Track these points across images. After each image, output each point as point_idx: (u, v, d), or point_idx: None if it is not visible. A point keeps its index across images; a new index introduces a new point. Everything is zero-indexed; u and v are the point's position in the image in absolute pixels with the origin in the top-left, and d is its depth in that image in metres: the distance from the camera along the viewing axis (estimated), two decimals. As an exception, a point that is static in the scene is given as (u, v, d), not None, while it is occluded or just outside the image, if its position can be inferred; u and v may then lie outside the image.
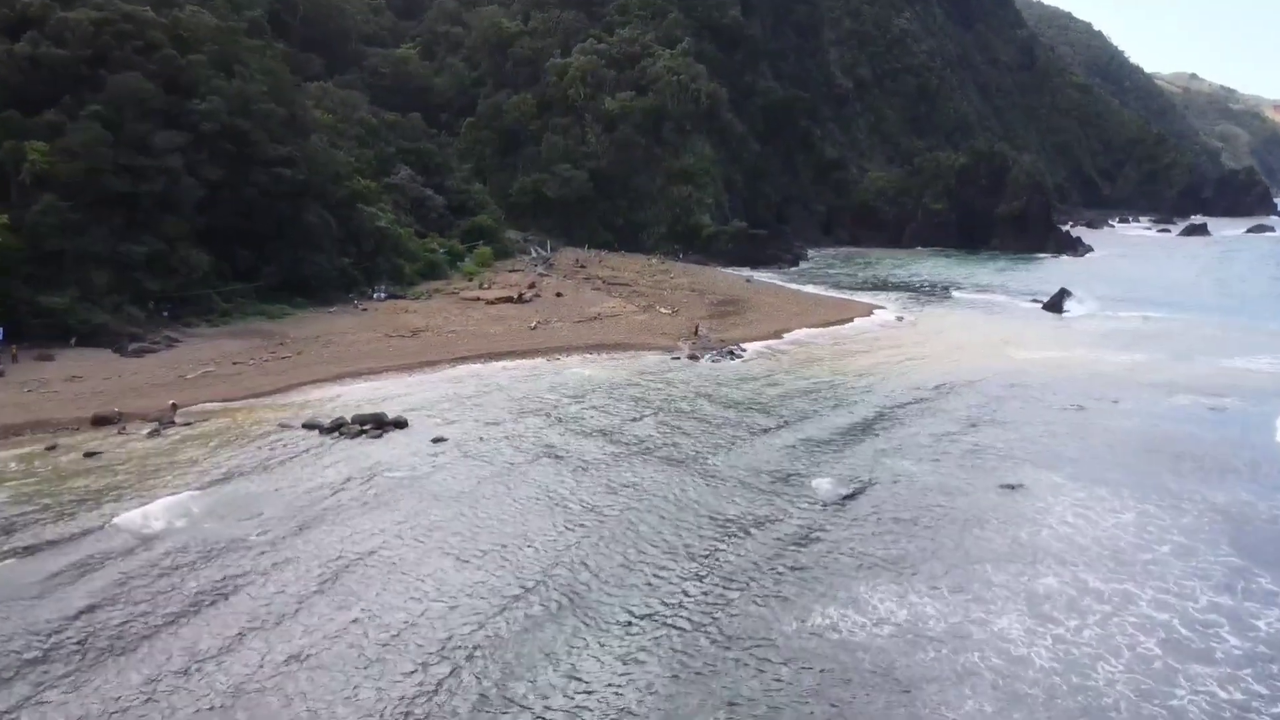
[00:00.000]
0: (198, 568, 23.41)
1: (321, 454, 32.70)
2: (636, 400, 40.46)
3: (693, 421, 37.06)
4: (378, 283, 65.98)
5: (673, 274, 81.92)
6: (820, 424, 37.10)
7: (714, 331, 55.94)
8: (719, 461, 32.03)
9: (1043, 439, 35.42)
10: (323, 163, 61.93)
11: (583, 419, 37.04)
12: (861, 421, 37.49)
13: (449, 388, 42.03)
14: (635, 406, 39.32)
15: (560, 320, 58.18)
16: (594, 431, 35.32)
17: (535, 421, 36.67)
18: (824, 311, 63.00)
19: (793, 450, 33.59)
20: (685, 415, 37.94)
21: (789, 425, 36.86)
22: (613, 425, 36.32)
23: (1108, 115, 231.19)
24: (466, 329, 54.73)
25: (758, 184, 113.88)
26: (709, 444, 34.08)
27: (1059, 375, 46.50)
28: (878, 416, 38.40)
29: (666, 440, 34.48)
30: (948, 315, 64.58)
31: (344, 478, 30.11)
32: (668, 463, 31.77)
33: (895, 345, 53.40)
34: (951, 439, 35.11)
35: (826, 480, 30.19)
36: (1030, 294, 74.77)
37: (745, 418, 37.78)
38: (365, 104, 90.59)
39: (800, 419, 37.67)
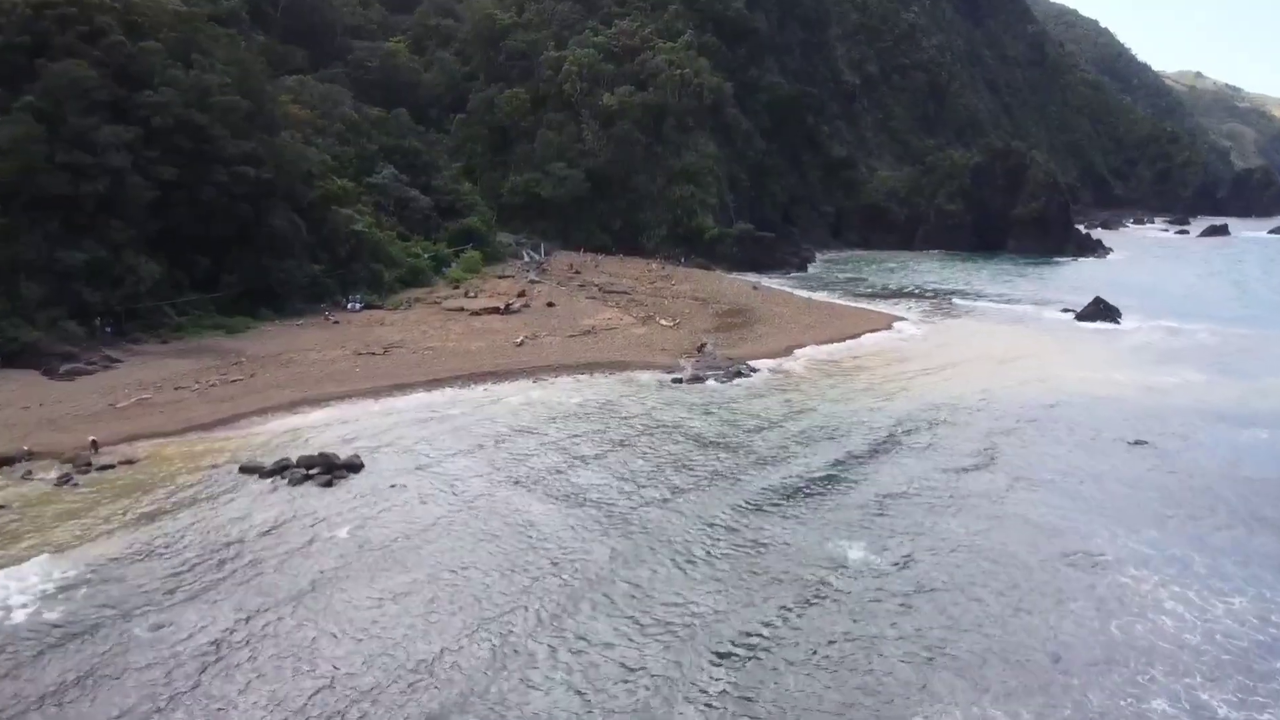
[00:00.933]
0: (38, 661, 18.35)
1: (252, 507, 27.41)
2: (632, 444, 34.62)
3: (698, 474, 31.21)
4: (353, 291, 60.73)
5: (674, 280, 76.63)
6: (844, 469, 31.71)
7: (720, 347, 50.64)
8: (741, 536, 26.41)
9: (1109, 487, 30.13)
10: (292, 160, 56.66)
11: (570, 471, 31.02)
12: (892, 466, 32.11)
13: (417, 419, 36.73)
14: (632, 453, 33.31)
15: (550, 334, 52.89)
16: (583, 494, 29.04)
17: (511, 468, 31.21)
18: (839, 324, 57.69)
19: (816, 503, 28.29)
20: (689, 466, 31.97)
21: (809, 471, 31.54)
22: (605, 487, 29.67)
23: (1120, 113, 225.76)
24: (446, 345, 49.45)
25: (763, 183, 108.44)
26: (722, 507, 28.20)
27: (1109, 402, 41.20)
28: (910, 458, 33.08)
29: (670, 514, 27.66)
30: (973, 328, 59.22)
31: (268, 545, 24.80)
32: (678, 556, 25.03)
33: (920, 364, 48.04)
34: (1003, 490, 29.73)
35: (858, 548, 24.90)
36: (1059, 303, 69.35)
37: (756, 460, 32.39)
38: (348, 99, 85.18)
39: (821, 463, 32.27)
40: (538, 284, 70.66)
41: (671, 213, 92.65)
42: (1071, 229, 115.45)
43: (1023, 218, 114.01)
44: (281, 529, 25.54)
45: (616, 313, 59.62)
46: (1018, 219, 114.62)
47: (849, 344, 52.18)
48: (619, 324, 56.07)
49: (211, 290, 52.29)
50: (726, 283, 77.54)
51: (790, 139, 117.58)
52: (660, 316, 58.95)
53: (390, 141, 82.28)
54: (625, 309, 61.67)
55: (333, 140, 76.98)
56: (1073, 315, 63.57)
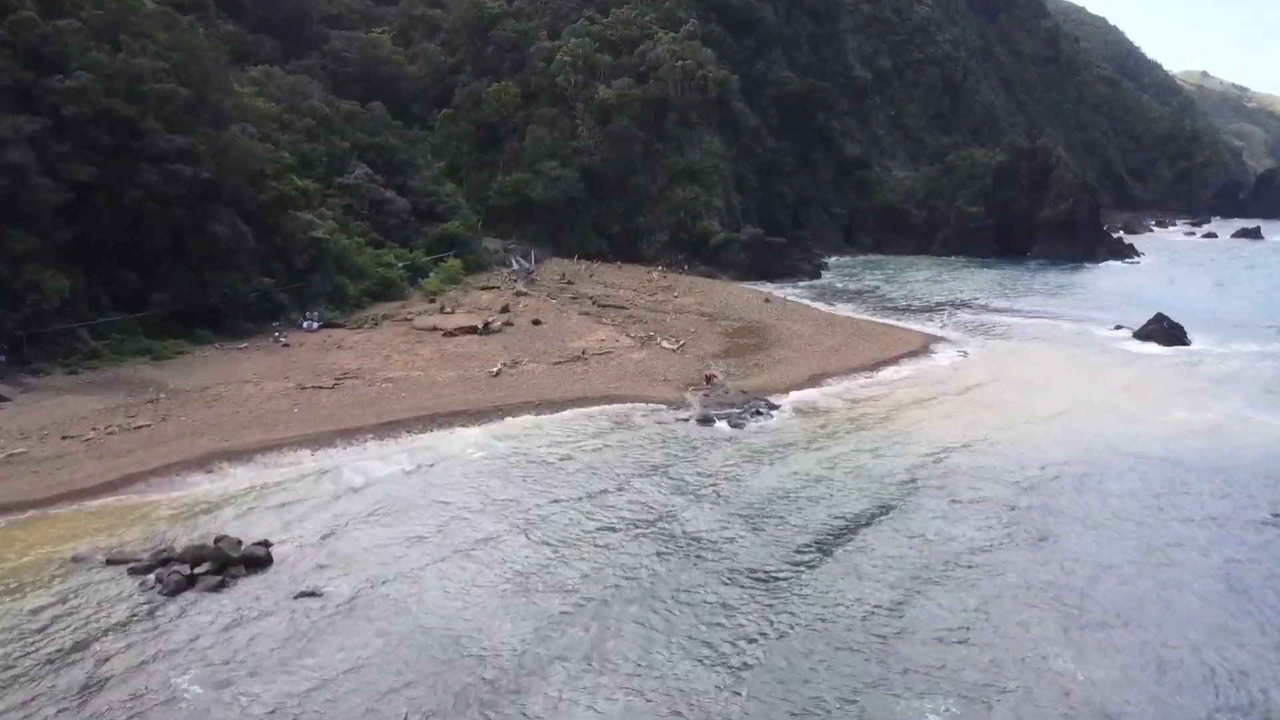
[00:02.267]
0: None
1: (103, 629, 19.95)
2: (626, 516, 27.26)
3: (717, 580, 23.26)
4: (312, 307, 53.32)
5: (676, 291, 69.16)
6: (907, 572, 23.87)
7: (732, 376, 43.14)
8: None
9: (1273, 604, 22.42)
10: (238, 158, 49.17)
11: (533, 596, 22.17)
12: (971, 567, 24.13)
13: (356, 486, 29.21)
14: (625, 537, 25.64)
15: (534, 360, 45.39)
16: (561, 614, 21.26)
17: (458, 574, 23.44)
18: (868, 346, 50.15)
19: (885, 636, 20.63)
20: (703, 561, 24.10)
21: (869, 571, 23.91)
22: (585, 599, 21.89)
23: (1137, 111, 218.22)
24: (409, 375, 41.94)
25: (772, 184, 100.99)
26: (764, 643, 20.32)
27: (1219, 456, 33.42)
28: (994, 546, 25.41)
29: (680, 639, 20.19)
30: (1023, 353, 51.54)
31: (104, 700, 17.30)
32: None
33: (972, 400, 40.43)
34: (1126, 612, 21.89)
35: (948, 709, 17.37)
36: (1109, 319, 61.72)
37: (792, 561, 24.57)
38: (319, 91, 77.83)
39: (879, 559, 24.41)
40: (525, 297, 63.16)
41: (674, 216, 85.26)
42: (1102, 233, 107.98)
43: (1049, 221, 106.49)
44: (113, 682, 17.96)
45: (612, 332, 52.13)
46: (1044, 222, 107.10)
47: (885, 373, 44.58)
48: (614, 346, 48.57)
49: (138, 309, 44.84)
50: (735, 294, 70.06)
51: (800, 137, 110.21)
52: (662, 337, 51.46)
53: (365, 138, 74.83)
54: (622, 327, 54.19)
55: (300, 136, 69.67)
56: (1130, 334, 55.96)
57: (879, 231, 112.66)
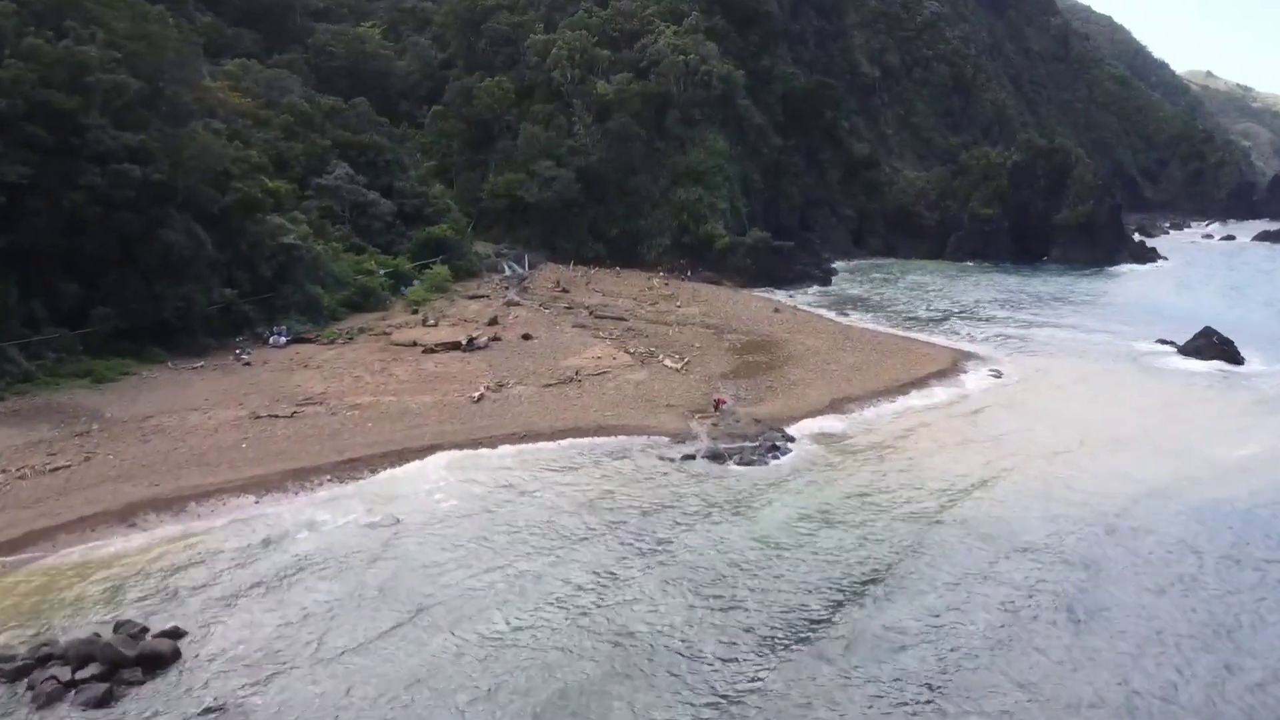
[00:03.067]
0: None
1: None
2: (619, 625, 21.23)
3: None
4: (281, 321, 48.70)
5: (679, 300, 64.48)
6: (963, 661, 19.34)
7: (742, 401, 38.50)
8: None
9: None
10: (195, 156, 44.49)
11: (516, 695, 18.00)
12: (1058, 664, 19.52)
13: (297, 555, 24.50)
14: (614, 663, 19.54)
15: (522, 381, 40.74)
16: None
17: (417, 661, 18.87)
18: (891, 364, 45.47)
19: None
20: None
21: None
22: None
23: (1149, 110, 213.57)
24: (379, 401, 37.29)
25: (779, 185, 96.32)
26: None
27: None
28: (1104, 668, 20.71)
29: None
30: (1060, 371, 46.79)
31: None
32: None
33: (1023, 437, 35.54)
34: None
35: None
36: (1147, 331, 56.99)
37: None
38: (299, 86, 73.17)
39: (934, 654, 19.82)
40: (516, 307, 58.55)
41: (675, 219, 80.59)
42: (1124, 236, 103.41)
43: (1068, 223, 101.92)
44: None
45: (609, 348, 47.45)
46: (1062, 225, 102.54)
47: (913, 397, 39.87)
48: (611, 365, 43.90)
49: (80, 325, 40.18)
50: (742, 303, 65.40)
51: (807, 136, 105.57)
52: (664, 353, 46.80)
53: (347, 136, 70.20)
54: (620, 342, 49.52)
55: (276, 134, 65.14)
56: (1174, 350, 51.31)
57: (889, 234, 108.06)
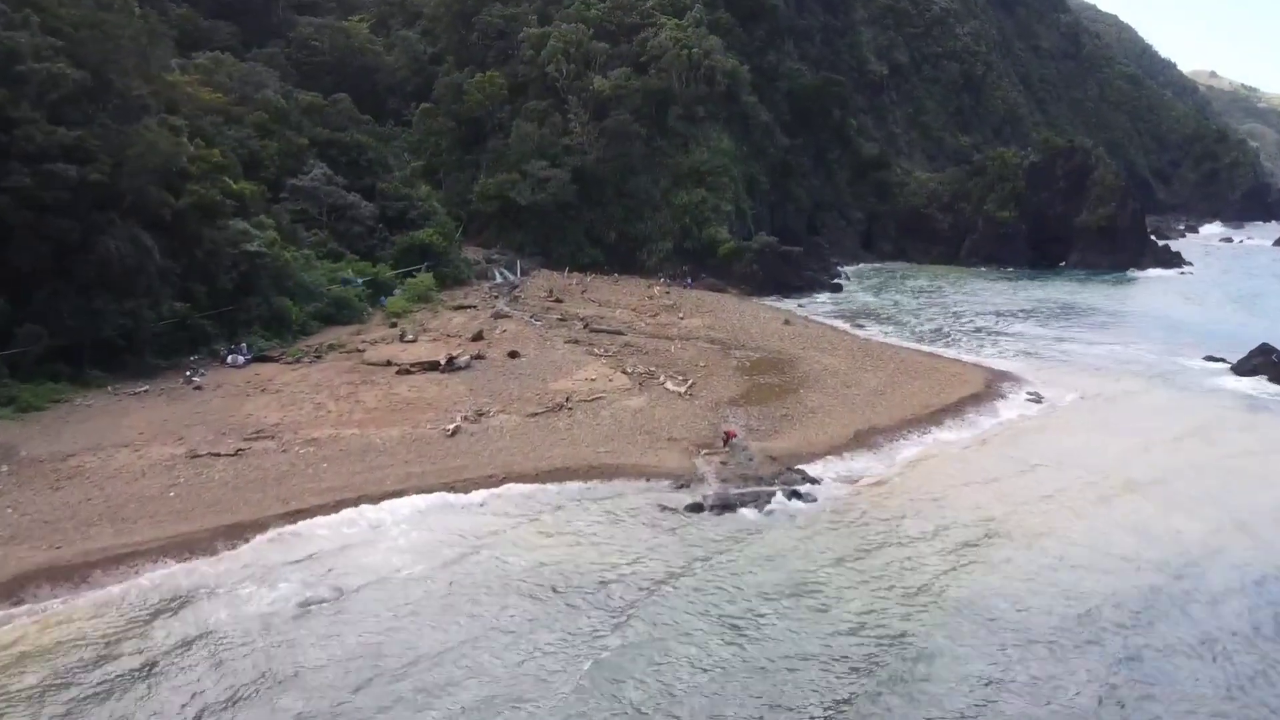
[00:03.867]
0: None
1: None
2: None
3: None
4: (242, 337, 44.09)
5: (682, 311, 59.83)
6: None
7: (755, 433, 33.86)
8: None
9: None
10: (141, 155, 39.83)
11: None
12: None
13: (212, 635, 19.92)
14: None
15: (505, 409, 36.10)
16: None
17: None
18: (919, 388, 40.76)
19: None
20: None
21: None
22: None
23: (1160, 109, 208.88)
24: (341, 432, 32.66)
25: (786, 186, 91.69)
26: None
27: None
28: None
29: None
30: (1105, 394, 42.02)
31: None
32: None
33: (1071, 471, 31.03)
34: None
35: None
36: (1192, 345, 52.35)
37: None
38: (275, 81, 68.61)
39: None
40: (504, 319, 53.91)
41: (677, 222, 76.01)
42: (1148, 240, 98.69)
43: (1088, 226, 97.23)
44: None
45: (604, 368, 42.78)
46: (1082, 228, 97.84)
47: (947, 429, 35.17)
48: (607, 388, 39.24)
49: (5, 346, 35.59)
50: (749, 314, 60.72)
51: (815, 135, 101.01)
52: (665, 373, 42.13)
53: (326, 134, 65.76)
54: (617, 360, 44.86)
55: (248, 131, 60.60)
56: (1228, 368, 46.64)
57: (900, 238, 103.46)
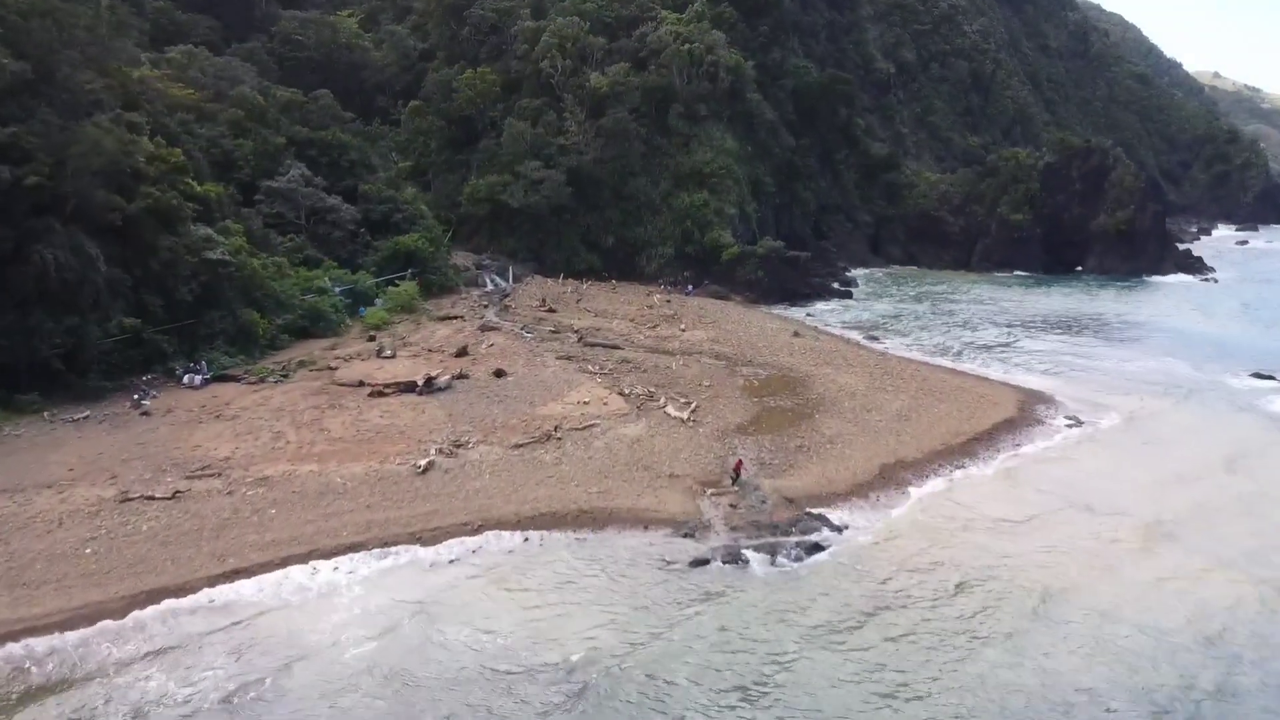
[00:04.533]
0: None
1: None
2: None
3: None
4: (203, 354, 40.24)
5: (684, 322, 55.94)
6: None
7: (767, 468, 30.00)
8: None
9: None
10: (85, 155, 35.97)
11: None
12: None
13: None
14: None
15: (486, 438, 32.22)
16: None
17: None
18: (947, 411, 36.88)
19: None
20: None
21: None
22: None
23: (1171, 109, 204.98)
24: (298, 468, 28.79)
25: (792, 188, 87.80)
26: None
27: None
28: None
29: None
30: (1151, 416, 38.28)
31: None
32: None
33: (1124, 513, 27.25)
34: None
35: None
36: (1233, 359, 48.54)
37: None
38: (252, 76, 64.77)
39: None
40: (492, 331, 50.03)
41: (679, 226, 72.10)
42: (1169, 244, 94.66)
43: (1106, 230, 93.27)
44: None
45: (599, 389, 38.89)
46: (1099, 231, 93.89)
47: (982, 462, 31.30)
48: (601, 413, 35.36)
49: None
50: (755, 325, 56.82)
51: (821, 134, 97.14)
52: (666, 394, 38.25)
53: (306, 133, 61.87)
54: (613, 378, 40.99)
55: (222, 130, 56.85)
56: (1277, 385, 42.78)
57: (909, 242, 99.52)
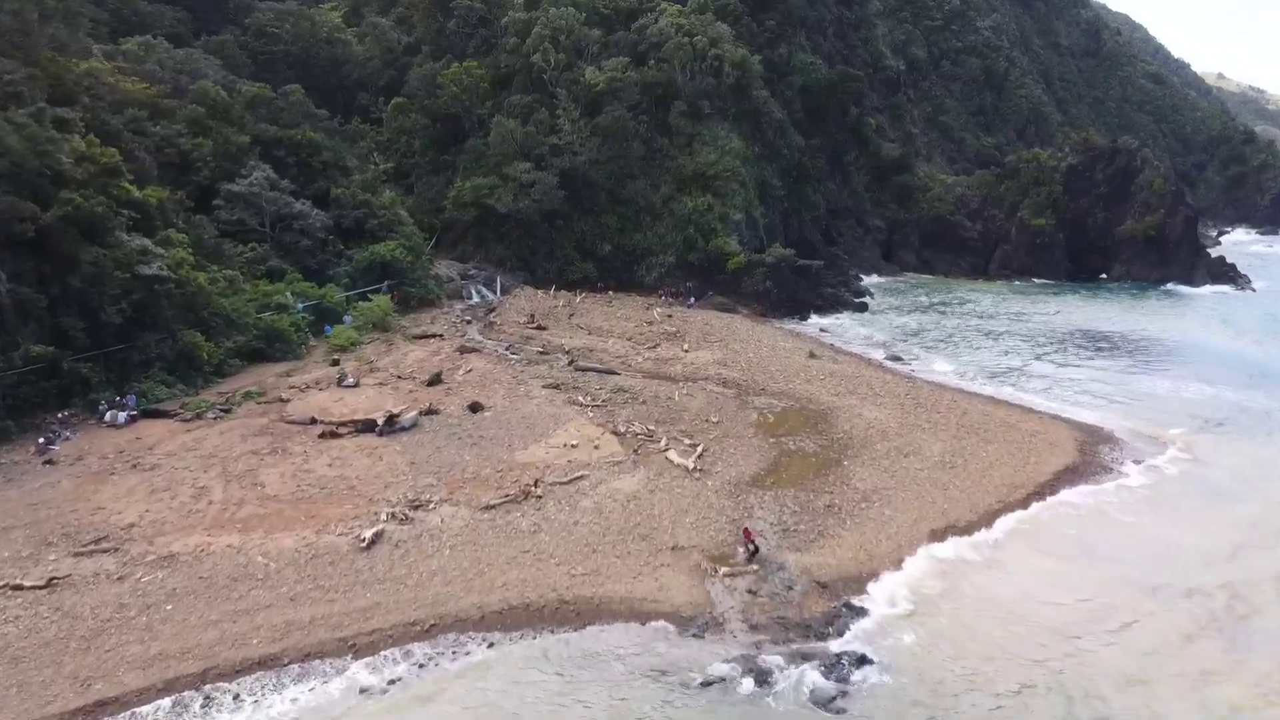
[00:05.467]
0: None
1: None
2: None
3: None
4: (136, 384, 34.92)
5: (687, 340, 50.53)
6: None
7: (789, 534, 24.60)
8: None
9: None
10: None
11: None
12: None
13: None
14: None
15: (452, 494, 26.83)
16: None
17: None
18: (995, 453, 31.40)
19: None
20: None
21: None
22: None
23: (1185, 109, 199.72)
24: (214, 541, 23.39)
25: (801, 191, 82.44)
26: None
27: None
28: None
29: None
30: (1239, 459, 32.92)
31: None
32: None
33: (1202, 595, 21.95)
34: None
35: None
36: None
37: None
38: (216, 70, 59.48)
39: None
40: (472, 353, 44.62)
41: (681, 232, 66.68)
42: (1201, 251, 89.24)
43: (1134, 235, 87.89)
44: None
45: (591, 427, 33.48)
46: (1126, 237, 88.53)
47: (1050, 522, 25.87)
48: (592, 459, 29.97)
49: None
50: (765, 342, 51.37)
51: (830, 134, 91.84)
52: (668, 434, 32.86)
53: (274, 131, 56.51)
54: (607, 412, 35.59)
55: (179, 129, 51.58)
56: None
57: (924, 248, 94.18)
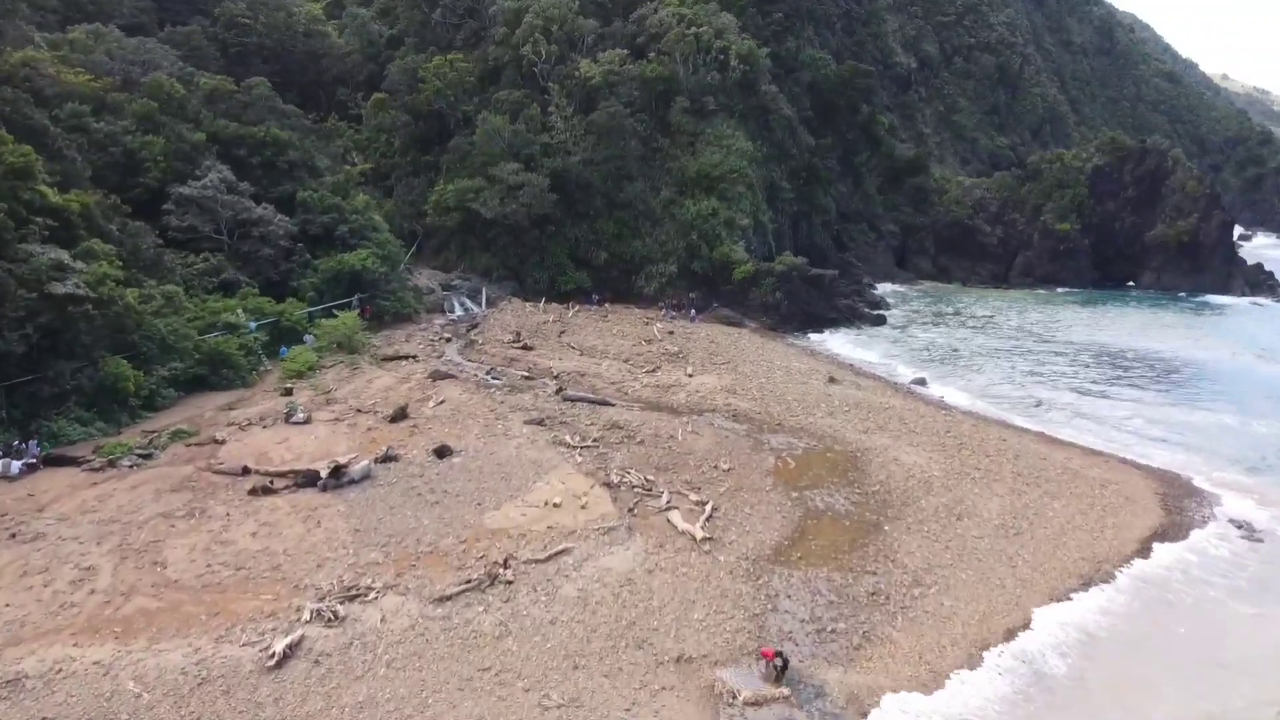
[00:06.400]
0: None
1: None
2: None
3: None
4: (44, 422, 29.61)
5: (691, 363, 45.08)
6: None
7: (824, 636, 19.24)
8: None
9: None
10: None
11: None
12: None
13: None
14: None
15: (399, 576, 21.49)
16: None
17: None
18: (1063, 511, 25.97)
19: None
20: None
21: None
22: None
23: (1200, 110, 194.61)
24: (81, 652, 18.04)
25: (811, 194, 77.10)
26: None
27: None
28: None
29: None
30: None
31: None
32: None
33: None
34: None
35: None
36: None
37: None
38: (170, 61, 54.19)
39: None
40: (446, 380, 39.23)
41: (683, 239, 61.33)
42: (1236, 259, 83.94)
43: (1165, 241, 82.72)
44: None
45: (578, 478, 28.10)
46: (1157, 243, 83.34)
47: (1141, 613, 20.60)
48: (577, 523, 24.63)
49: None
50: (778, 364, 45.97)
51: (840, 134, 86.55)
52: (670, 487, 27.48)
53: (234, 128, 51.17)
54: (599, 456, 30.22)
55: (128, 125, 46.34)
56: None
57: (940, 254, 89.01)
